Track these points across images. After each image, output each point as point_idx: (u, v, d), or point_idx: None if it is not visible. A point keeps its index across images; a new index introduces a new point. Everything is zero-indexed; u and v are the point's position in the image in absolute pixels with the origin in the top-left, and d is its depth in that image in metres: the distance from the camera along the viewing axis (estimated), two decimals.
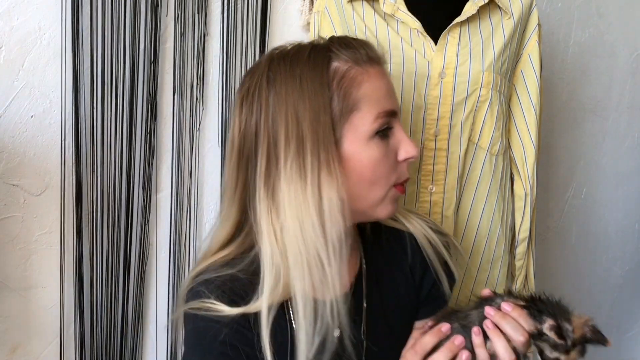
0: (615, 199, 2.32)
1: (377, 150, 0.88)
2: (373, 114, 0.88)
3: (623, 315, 2.48)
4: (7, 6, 1.15)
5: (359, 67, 0.89)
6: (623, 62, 2.20)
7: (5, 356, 1.23)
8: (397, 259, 1.02)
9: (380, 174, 0.89)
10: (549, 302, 0.90)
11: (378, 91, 0.89)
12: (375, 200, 0.90)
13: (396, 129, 0.91)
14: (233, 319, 0.87)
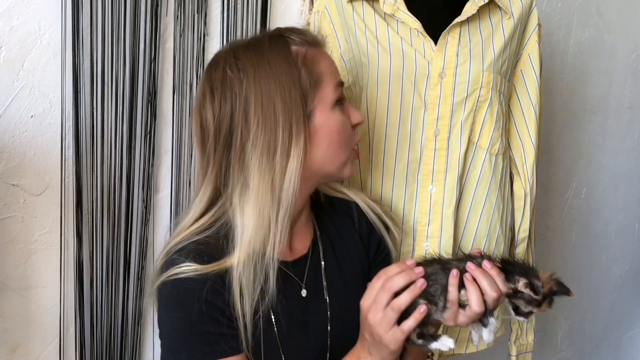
0: (615, 199, 2.32)
1: (340, 117, 1.02)
2: (333, 85, 1.01)
3: (623, 315, 2.48)
4: (7, 6, 1.15)
5: (313, 48, 1.02)
6: (623, 62, 2.20)
7: (5, 356, 1.24)
8: (346, 224, 1.14)
9: (346, 137, 1.03)
10: (518, 263, 1.02)
11: (331, 66, 1.03)
12: (342, 161, 1.03)
13: (345, 100, 1.05)
14: (208, 277, 0.95)
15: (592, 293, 2.35)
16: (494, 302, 0.96)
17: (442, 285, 0.99)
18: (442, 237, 1.27)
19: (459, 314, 0.97)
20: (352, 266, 1.12)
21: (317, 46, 1.03)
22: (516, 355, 1.46)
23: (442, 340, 0.98)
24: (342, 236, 1.13)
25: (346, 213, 1.15)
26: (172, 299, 0.97)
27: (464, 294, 0.97)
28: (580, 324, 2.35)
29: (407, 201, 1.27)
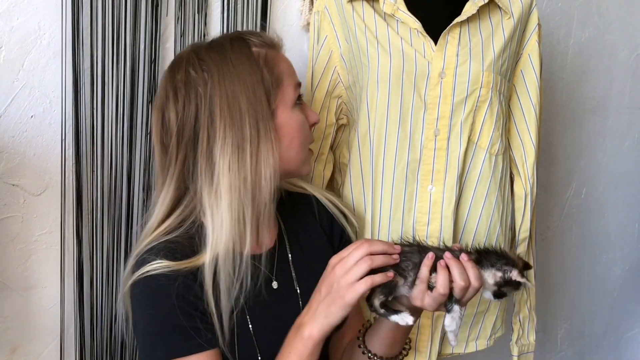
0: (615, 199, 2.32)
1: (300, 116, 1.07)
2: (292, 85, 1.06)
3: (623, 315, 2.48)
4: (7, 6, 1.15)
5: (272, 49, 1.06)
6: (623, 62, 2.20)
7: (5, 356, 1.23)
8: (308, 216, 1.19)
9: (305, 136, 1.07)
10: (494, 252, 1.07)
11: (290, 67, 1.07)
12: (302, 159, 1.08)
13: (303, 100, 1.10)
14: (181, 274, 0.97)
15: (592, 293, 2.34)
16: (461, 290, 1.00)
17: (414, 263, 1.03)
18: (442, 237, 1.27)
19: (426, 295, 1.01)
20: (318, 256, 1.13)
21: (275, 48, 1.07)
22: (518, 356, 1.46)
23: (402, 315, 1.02)
24: (306, 228, 1.17)
25: (307, 206, 1.20)
26: (144, 297, 0.99)
27: (434, 276, 1.01)
28: (580, 324, 2.35)
29: (406, 201, 1.27)
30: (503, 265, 1.04)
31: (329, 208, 1.21)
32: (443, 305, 1.02)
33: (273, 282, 1.09)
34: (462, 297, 1.01)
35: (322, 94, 1.34)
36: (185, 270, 0.98)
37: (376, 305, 1.03)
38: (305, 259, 1.14)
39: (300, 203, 1.20)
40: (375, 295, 1.03)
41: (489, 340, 1.39)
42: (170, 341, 0.97)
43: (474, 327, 1.37)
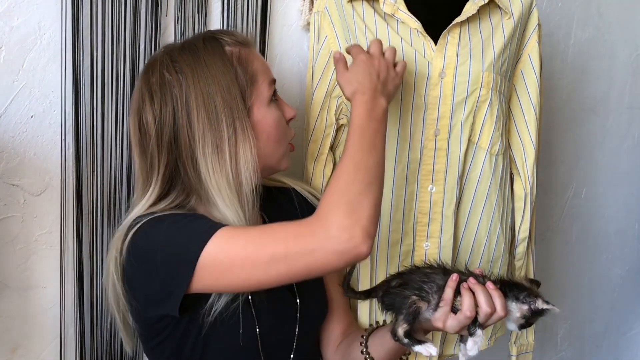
0: (615, 198, 2.32)
1: (276, 112, 1.08)
2: (267, 82, 1.07)
3: (623, 315, 2.48)
4: (7, 6, 1.15)
5: (245, 48, 1.07)
6: (623, 62, 2.20)
7: (5, 356, 1.23)
8: (290, 210, 1.20)
9: (282, 132, 1.09)
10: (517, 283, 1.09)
11: (263, 65, 1.09)
12: (280, 155, 1.09)
13: (278, 96, 1.12)
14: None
15: (592, 293, 2.35)
16: (485, 316, 1.02)
17: (438, 285, 1.04)
18: (442, 237, 1.27)
19: (449, 316, 1.02)
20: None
21: (248, 46, 1.09)
22: (516, 356, 1.46)
23: (426, 345, 1.03)
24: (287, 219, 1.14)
25: (287, 199, 1.22)
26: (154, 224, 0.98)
27: (459, 299, 1.02)
28: (580, 324, 2.35)
29: (407, 201, 1.27)
30: (526, 297, 1.06)
31: (308, 199, 1.23)
32: (466, 329, 1.03)
33: None
34: (485, 322, 1.03)
35: (322, 94, 1.34)
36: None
37: (400, 334, 1.03)
38: None
39: (281, 197, 1.22)
40: (398, 324, 1.03)
41: (489, 340, 1.39)
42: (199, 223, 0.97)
43: None
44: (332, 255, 0.90)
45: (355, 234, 0.89)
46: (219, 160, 1.00)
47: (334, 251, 0.89)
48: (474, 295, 1.02)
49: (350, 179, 0.95)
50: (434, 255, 1.28)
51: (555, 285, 2.21)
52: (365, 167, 0.97)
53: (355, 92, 1.07)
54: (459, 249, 1.31)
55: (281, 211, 1.18)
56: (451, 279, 1.03)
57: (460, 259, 1.31)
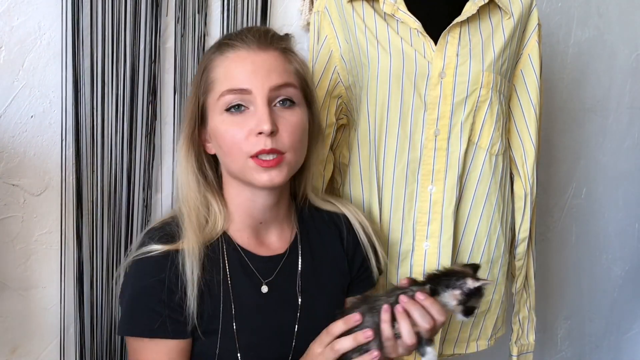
0: (615, 198, 2.32)
1: (226, 124, 1.02)
2: (219, 93, 1.02)
3: (623, 315, 2.48)
4: (7, 6, 1.15)
5: (220, 54, 1.04)
6: (623, 62, 2.20)
7: (5, 356, 1.23)
8: (332, 234, 1.16)
9: (231, 145, 1.01)
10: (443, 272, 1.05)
11: (229, 72, 1.02)
12: (238, 167, 1.03)
13: (255, 106, 1.01)
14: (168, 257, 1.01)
15: (592, 293, 2.34)
16: (428, 332, 0.99)
17: (375, 323, 1.01)
18: (442, 237, 1.27)
19: (397, 346, 1.01)
20: (330, 275, 1.14)
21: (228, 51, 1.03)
22: (517, 356, 1.46)
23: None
24: (325, 245, 1.15)
25: (334, 224, 1.17)
26: (132, 273, 1.04)
27: (397, 327, 0.99)
28: (580, 324, 2.35)
29: (407, 201, 1.27)
30: (456, 282, 1.01)
31: (358, 233, 1.17)
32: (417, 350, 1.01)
33: (263, 286, 1.07)
34: (432, 335, 1.01)
35: (322, 94, 1.33)
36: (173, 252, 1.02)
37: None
38: (315, 274, 1.12)
39: (328, 219, 1.17)
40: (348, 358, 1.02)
41: (489, 340, 1.39)
42: (141, 320, 1.02)
43: (474, 328, 1.37)
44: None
45: None
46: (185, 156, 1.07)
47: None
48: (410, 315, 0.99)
49: None
50: (434, 255, 1.28)
51: (555, 285, 2.21)
52: None
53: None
54: (459, 249, 1.31)
55: (320, 232, 1.16)
56: (383, 310, 0.99)
57: (460, 259, 1.31)
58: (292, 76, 1.05)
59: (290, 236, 1.13)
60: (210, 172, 1.09)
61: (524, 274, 1.43)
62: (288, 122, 1.02)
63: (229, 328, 1.04)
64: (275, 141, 1.00)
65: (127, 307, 1.04)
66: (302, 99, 1.06)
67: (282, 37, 1.07)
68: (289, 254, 1.11)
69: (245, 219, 1.08)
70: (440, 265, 1.28)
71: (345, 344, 1.00)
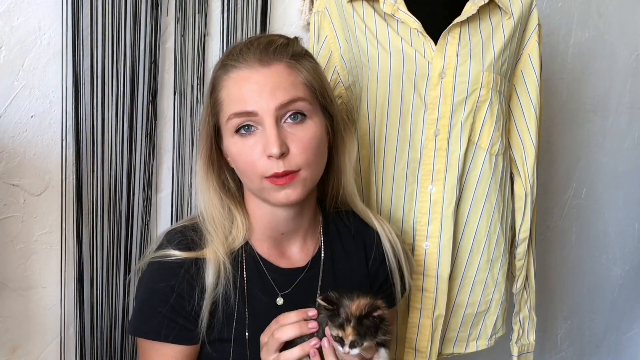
0: (615, 199, 2.32)
1: (237, 146, 1.00)
2: (227, 115, 0.99)
3: (623, 315, 2.48)
4: (7, 6, 1.15)
5: (225, 74, 1.01)
6: (623, 62, 2.20)
7: (5, 356, 1.23)
8: (358, 248, 1.13)
9: (244, 166, 1.00)
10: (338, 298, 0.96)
11: (232, 95, 0.99)
12: (255, 188, 1.01)
13: (264, 127, 0.97)
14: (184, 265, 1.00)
15: (592, 293, 2.35)
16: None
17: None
18: (442, 237, 1.27)
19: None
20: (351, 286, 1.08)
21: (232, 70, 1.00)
22: (517, 356, 1.46)
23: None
24: (349, 258, 1.12)
25: (362, 237, 1.13)
26: (146, 275, 1.04)
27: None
28: (580, 324, 2.35)
29: (406, 201, 1.27)
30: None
31: (386, 252, 1.13)
32: None
33: (278, 298, 1.05)
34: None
35: None
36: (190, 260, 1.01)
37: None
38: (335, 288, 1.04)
39: (357, 232, 1.13)
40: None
41: (489, 340, 1.39)
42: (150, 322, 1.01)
43: (474, 328, 1.37)
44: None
45: None
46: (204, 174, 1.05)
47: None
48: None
49: None
50: (434, 255, 1.28)
51: (555, 285, 2.21)
52: None
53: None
54: (459, 249, 1.31)
55: (344, 250, 1.12)
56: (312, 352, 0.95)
57: (459, 259, 1.31)
58: (301, 88, 0.99)
59: (313, 249, 1.10)
60: (232, 184, 1.07)
61: (524, 274, 1.43)
62: (299, 138, 0.98)
63: (241, 337, 1.02)
64: (287, 162, 0.97)
65: (138, 307, 1.05)
66: (315, 107, 1.01)
67: (287, 45, 1.01)
68: (310, 268, 1.08)
69: (266, 230, 1.06)
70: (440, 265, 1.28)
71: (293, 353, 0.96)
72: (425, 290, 1.29)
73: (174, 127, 1.32)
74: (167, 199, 1.35)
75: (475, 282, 1.33)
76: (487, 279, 1.33)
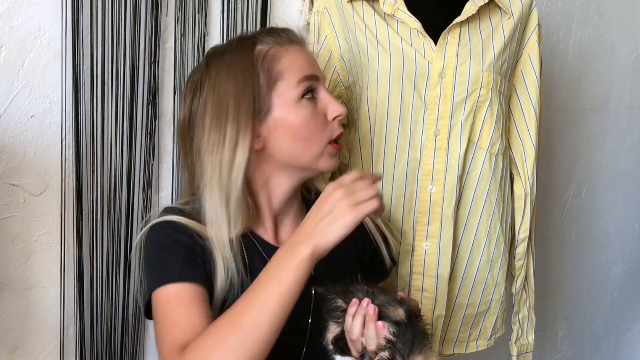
0: (615, 199, 2.32)
1: (305, 111, 1.04)
2: (295, 80, 1.04)
3: (623, 315, 2.48)
4: (7, 6, 1.15)
5: (279, 46, 1.06)
6: (623, 62, 2.20)
7: (5, 356, 1.24)
8: None
9: (312, 131, 1.04)
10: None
11: (296, 62, 1.05)
12: (314, 155, 1.05)
13: (321, 93, 1.07)
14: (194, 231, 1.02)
15: (592, 293, 2.35)
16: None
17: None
18: (442, 237, 1.27)
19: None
20: (341, 265, 1.12)
21: (285, 44, 1.06)
22: (517, 356, 1.46)
23: (346, 359, 1.00)
24: None
25: None
26: (152, 235, 1.04)
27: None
28: (580, 324, 2.35)
29: (406, 201, 1.27)
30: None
31: (366, 224, 1.16)
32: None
33: None
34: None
35: None
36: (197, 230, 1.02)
37: (328, 338, 1.01)
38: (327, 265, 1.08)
39: None
40: (329, 329, 1.01)
41: (489, 340, 1.39)
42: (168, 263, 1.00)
43: (474, 328, 1.37)
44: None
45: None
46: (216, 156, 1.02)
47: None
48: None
49: (221, 337, 0.90)
50: (434, 255, 1.28)
51: (555, 285, 2.21)
52: (241, 325, 0.90)
53: None
54: (459, 249, 1.31)
55: None
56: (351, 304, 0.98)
57: (459, 259, 1.31)
58: None
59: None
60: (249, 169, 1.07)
61: (524, 274, 1.43)
62: None
63: None
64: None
65: (152, 263, 1.02)
66: None
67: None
68: None
69: (265, 210, 1.09)
70: (440, 265, 1.28)
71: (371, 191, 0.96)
72: (425, 290, 1.29)
73: (174, 127, 1.32)
74: (167, 199, 1.35)
75: (476, 283, 1.33)
76: (487, 279, 1.34)
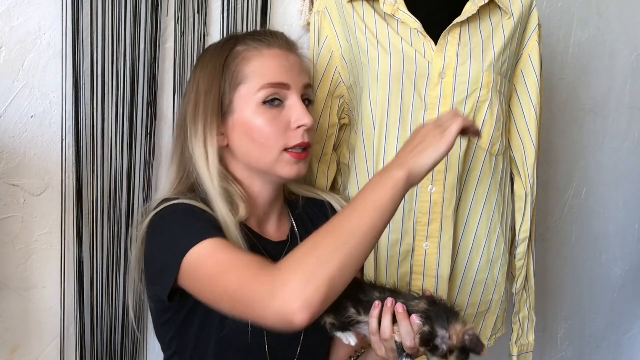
0: (615, 198, 2.32)
1: (263, 117, 1.06)
2: (257, 85, 1.06)
3: (623, 315, 2.48)
4: (7, 6, 1.15)
5: (254, 49, 1.08)
6: (623, 62, 2.20)
7: (5, 356, 1.24)
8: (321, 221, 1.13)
9: (267, 137, 1.06)
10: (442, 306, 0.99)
11: (265, 67, 1.07)
12: (268, 161, 1.08)
13: (290, 100, 1.08)
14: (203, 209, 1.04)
15: (592, 293, 2.34)
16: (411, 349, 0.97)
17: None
18: (442, 237, 1.27)
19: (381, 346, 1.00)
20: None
21: (263, 48, 1.09)
22: (517, 355, 1.46)
23: (347, 334, 1.03)
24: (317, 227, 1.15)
25: (321, 211, 1.23)
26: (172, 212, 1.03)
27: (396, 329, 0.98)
28: (580, 324, 2.35)
29: (406, 201, 1.27)
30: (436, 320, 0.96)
31: None
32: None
33: None
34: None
35: (323, 94, 1.34)
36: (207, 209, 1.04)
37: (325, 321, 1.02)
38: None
39: (315, 208, 1.24)
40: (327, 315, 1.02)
41: (489, 340, 1.39)
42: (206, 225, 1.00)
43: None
44: (268, 312, 0.87)
45: (296, 303, 0.85)
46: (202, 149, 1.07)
47: (271, 309, 0.87)
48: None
49: (319, 241, 0.91)
50: (434, 255, 1.28)
51: (555, 286, 2.21)
52: (339, 231, 0.91)
53: None
54: (459, 249, 1.31)
55: (312, 219, 1.21)
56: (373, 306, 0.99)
57: (459, 259, 1.31)
58: (308, 78, 1.14)
59: (287, 226, 1.19)
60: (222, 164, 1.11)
61: (524, 274, 1.43)
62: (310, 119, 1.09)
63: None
64: (309, 135, 1.08)
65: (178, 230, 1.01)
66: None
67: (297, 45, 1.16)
68: (291, 241, 1.16)
69: (250, 209, 1.11)
70: (440, 265, 1.28)
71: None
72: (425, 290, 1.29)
73: (174, 127, 1.32)
74: None
75: (476, 283, 1.33)
76: (487, 279, 1.34)
